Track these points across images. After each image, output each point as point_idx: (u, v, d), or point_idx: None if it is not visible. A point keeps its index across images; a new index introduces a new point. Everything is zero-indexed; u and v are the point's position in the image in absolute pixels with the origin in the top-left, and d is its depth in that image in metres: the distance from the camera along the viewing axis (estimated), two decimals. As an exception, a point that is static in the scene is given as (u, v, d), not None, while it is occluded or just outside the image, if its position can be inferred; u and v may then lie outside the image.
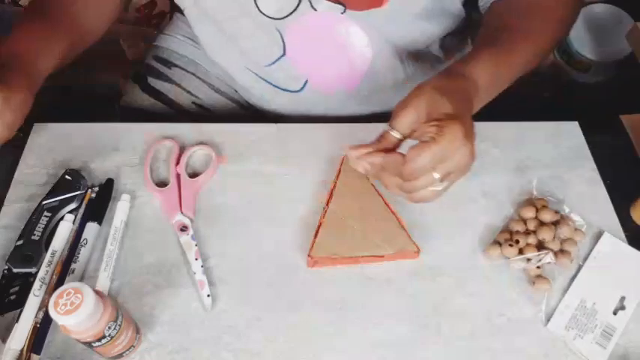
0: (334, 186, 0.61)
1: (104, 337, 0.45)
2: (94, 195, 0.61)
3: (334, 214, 0.59)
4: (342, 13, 0.63)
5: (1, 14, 1.21)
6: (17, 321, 0.51)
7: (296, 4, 0.61)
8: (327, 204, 0.60)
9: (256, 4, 0.62)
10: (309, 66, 0.69)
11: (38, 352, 0.50)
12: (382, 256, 0.57)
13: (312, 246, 0.57)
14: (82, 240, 0.57)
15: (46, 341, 0.51)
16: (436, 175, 0.46)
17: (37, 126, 0.67)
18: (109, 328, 0.45)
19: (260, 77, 0.72)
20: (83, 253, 0.56)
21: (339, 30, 0.65)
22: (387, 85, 0.73)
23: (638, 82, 0.95)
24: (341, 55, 0.68)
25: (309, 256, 0.56)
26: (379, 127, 0.68)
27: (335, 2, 0.61)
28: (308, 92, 0.72)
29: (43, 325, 0.52)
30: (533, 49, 0.59)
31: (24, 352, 0.50)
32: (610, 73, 1.11)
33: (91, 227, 0.58)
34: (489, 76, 0.53)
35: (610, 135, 0.71)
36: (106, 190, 0.61)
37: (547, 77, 1.17)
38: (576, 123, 0.71)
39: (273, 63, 0.69)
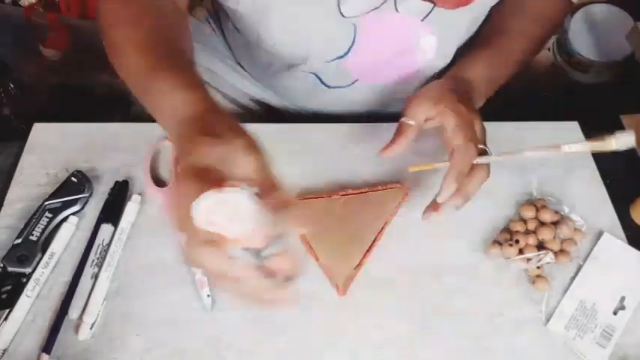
0: (366, 191, 0.61)
1: None
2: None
3: (340, 203, 0.59)
4: (422, 20, 0.61)
5: (2, 14, 1.21)
6: (5, 320, 0.52)
7: (380, 3, 0.59)
8: (359, 193, 0.60)
9: (339, 7, 0.59)
10: (367, 65, 0.67)
11: (48, 352, 0.50)
12: (317, 260, 0.56)
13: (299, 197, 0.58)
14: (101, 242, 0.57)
15: (46, 341, 0.52)
16: (480, 146, 0.53)
17: (37, 126, 0.67)
18: None
19: (309, 72, 0.69)
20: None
21: (412, 33, 0.63)
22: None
23: (638, 82, 0.95)
24: (404, 57, 0.67)
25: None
26: (376, 128, 0.68)
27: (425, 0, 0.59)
28: (355, 88, 0.70)
29: (55, 326, 0.52)
30: (524, 48, 0.64)
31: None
32: (610, 73, 1.11)
33: (106, 229, 0.58)
34: (485, 77, 0.60)
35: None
36: (122, 192, 0.61)
37: (547, 77, 1.16)
38: (576, 123, 0.71)
39: (336, 59, 0.66)
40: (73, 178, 0.60)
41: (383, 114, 0.74)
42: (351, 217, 0.59)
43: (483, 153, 0.54)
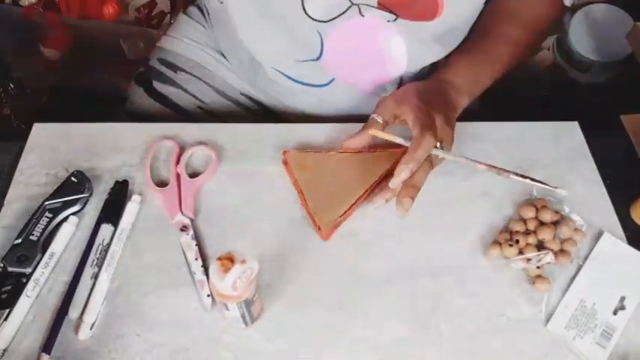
0: (363, 151, 0.63)
1: None
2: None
3: (336, 158, 0.62)
4: (388, 21, 0.63)
5: (2, 14, 1.21)
6: (5, 320, 0.52)
7: (344, 8, 0.61)
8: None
9: (303, 6, 0.61)
10: (341, 64, 0.69)
11: (48, 352, 0.50)
12: (307, 207, 0.59)
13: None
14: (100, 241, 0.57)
15: (46, 341, 0.52)
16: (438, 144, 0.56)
17: (37, 126, 0.67)
18: None
19: (286, 76, 0.71)
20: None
21: (381, 38, 0.65)
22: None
23: (638, 82, 0.95)
24: (375, 63, 0.68)
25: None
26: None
27: (387, 11, 0.61)
28: (334, 87, 0.72)
29: (55, 326, 0.52)
30: (510, 52, 0.67)
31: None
32: (610, 73, 1.11)
33: (106, 229, 0.58)
34: (468, 77, 0.63)
35: (610, 135, 0.71)
36: (122, 192, 0.61)
37: (547, 77, 1.17)
38: (576, 123, 0.71)
39: (307, 61, 0.68)
40: (73, 178, 0.60)
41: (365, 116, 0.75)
42: (345, 171, 0.61)
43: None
